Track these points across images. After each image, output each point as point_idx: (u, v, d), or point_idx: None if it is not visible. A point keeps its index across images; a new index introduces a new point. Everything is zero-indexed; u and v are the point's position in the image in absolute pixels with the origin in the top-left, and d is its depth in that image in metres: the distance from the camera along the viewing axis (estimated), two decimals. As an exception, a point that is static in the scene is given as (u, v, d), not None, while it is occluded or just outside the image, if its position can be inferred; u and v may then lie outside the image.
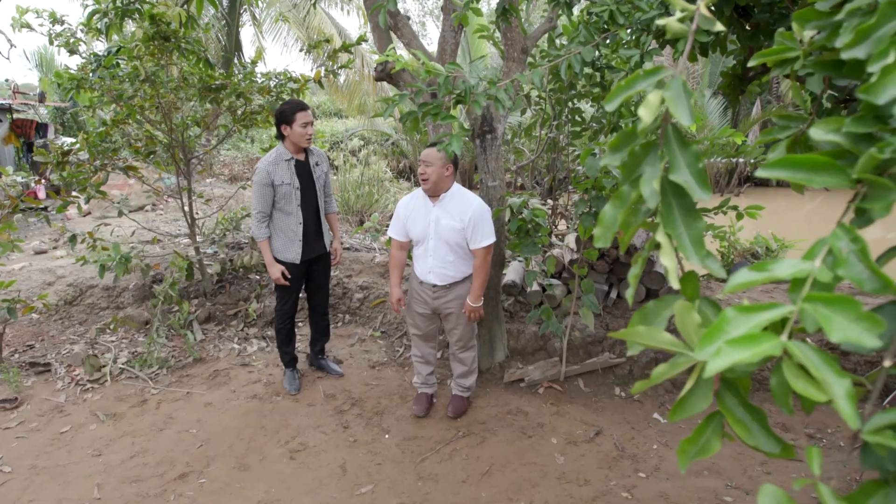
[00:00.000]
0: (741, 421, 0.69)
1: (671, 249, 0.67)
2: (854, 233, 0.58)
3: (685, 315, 0.64)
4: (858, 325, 0.52)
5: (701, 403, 0.68)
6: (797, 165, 0.63)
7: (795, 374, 0.58)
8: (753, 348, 0.54)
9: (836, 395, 0.52)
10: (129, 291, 5.17)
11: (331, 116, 20.55)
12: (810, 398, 0.56)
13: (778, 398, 0.64)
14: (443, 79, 1.67)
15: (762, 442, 0.67)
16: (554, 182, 6.14)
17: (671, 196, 0.71)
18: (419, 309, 3.59)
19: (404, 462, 3.36)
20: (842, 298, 0.54)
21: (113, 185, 8.79)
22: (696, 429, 0.73)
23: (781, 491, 0.60)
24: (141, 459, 3.38)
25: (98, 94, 4.41)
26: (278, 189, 3.68)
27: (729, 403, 0.70)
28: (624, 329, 0.67)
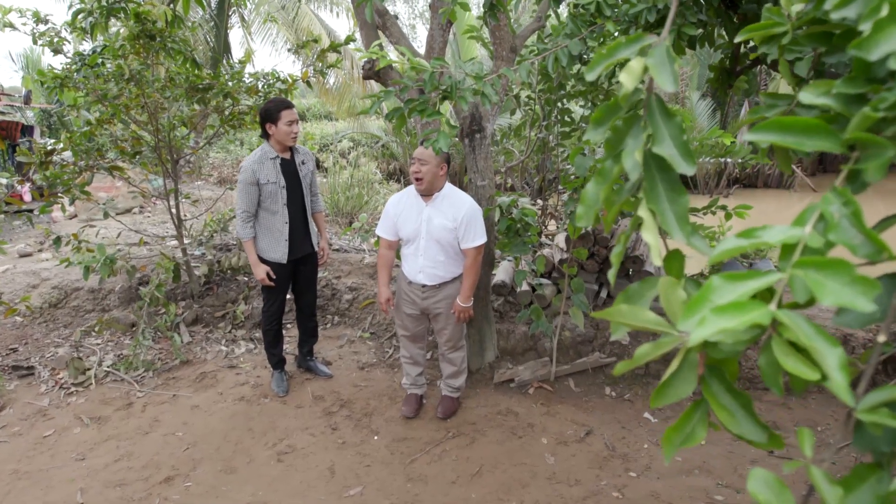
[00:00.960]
0: (726, 408, 0.66)
1: (654, 225, 0.64)
2: (847, 195, 0.55)
3: (670, 292, 0.61)
4: (852, 289, 0.49)
5: (685, 388, 0.66)
6: (787, 128, 0.61)
7: (786, 351, 0.56)
8: (741, 316, 0.51)
9: (828, 365, 0.50)
10: (116, 294, 5.11)
11: (321, 119, 20.49)
12: (801, 376, 0.53)
13: (767, 378, 0.61)
14: (428, 74, 1.65)
15: (748, 430, 0.64)
16: (543, 182, 6.13)
17: (655, 170, 0.69)
18: (408, 309, 3.56)
19: (393, 463, 3.32)
20: (834, 262, 0.51)
21: (100, 187, 8.71)
22: (680, 417, 0.70)
23: (772, 475, 0.58)
24: (126, 463, 3.32)
25: (83, 94, 4.36)
26: (264, 188, 3.64)
27: (714, 389, 0.67)
28: (607, 308, 0.64)
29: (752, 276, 0.55)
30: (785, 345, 0.56)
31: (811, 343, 0.50)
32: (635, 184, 0.68)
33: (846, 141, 0.57)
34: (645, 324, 0.63)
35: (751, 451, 3.46)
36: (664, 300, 0.63)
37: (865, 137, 0.55)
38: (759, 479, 0.57)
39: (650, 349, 0.63)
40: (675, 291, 0.62)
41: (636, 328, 0.64)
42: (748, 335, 0.56)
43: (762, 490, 0.56)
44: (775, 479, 0.56)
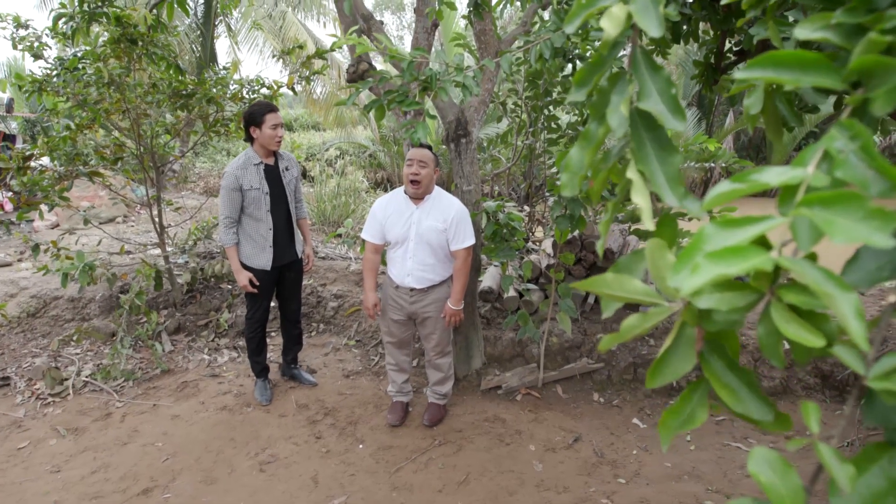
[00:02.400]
0: (728, 385, 0.62)
1: (644, 187, 0.60)
2: (855, 127, 0.50)
3: (658, 256, 0.56)
4: (867, 224, 0.44)
5: (682, 365, 0.61)
6: (782, 63, 0.56)
7: (787, 317, 0.51)
8: (738, 262, 0.46)
9: (843, 312, 0.44)
10: (96, 303, 5.01)
11: (308, 129, 20.44)
12: (805, 344, 0.49)
13: (767, 349, 0.57)
14: (407, 64, 1.61)
15: (752, 408, 0.59)
16: (530, 189, 6.11)
17: (642, 129, 0.64)
18: (394, 315, 3.50)
19: (378, 472, 3.25)
20: (844, 195, 0.46)
21: (82, 196, 8.60)
22: (679, 398, 0.65)
23: (775, 453, 0.53)
24: (102, 475, 3.23)
25: (62, 99, 4.28)
26: (247, 194, 3.58)
27: (714, 366, 0.62)
28: (590, 278, 0.60)
29: (750, 222, 0.50)
30: (785, 311, 0.52)
31: (822, 288, 0.45)
32: (623, 146, 0.64)
33: (848, 74, 0.52)
34: (633, 295, 0.58)
35: (741, 457, 3.43)
36: (652, 265, 0.58)
37: (872, 61, 0.50)
38: (760, 458, 0.52)
39: (638, 321, 0.58)
40: (665, 255, 0.57)
41: (623, 300, 0.59)
42: (744, 301, 0.52)
43: (764, 471, 0.51)
44: (778, 459, 0.52)
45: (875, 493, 0.50)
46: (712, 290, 0.52)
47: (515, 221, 3.75)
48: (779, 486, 0.50)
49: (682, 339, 0.60)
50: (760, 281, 0.52)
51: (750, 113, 0.73)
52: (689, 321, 0.56)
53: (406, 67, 1.62)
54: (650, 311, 0.57)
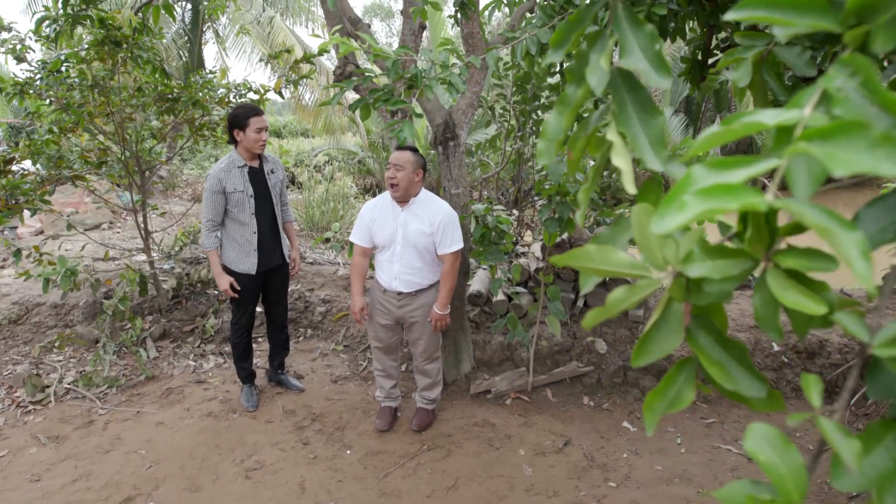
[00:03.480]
0: (718, 362, 0.58)
1: (624, 149, 0.57)
2: (855, 62, 0.46)
3: (645, 222, 0.53)
4: (872, 154, 0.41)
5: (669, 342, 0.57)
6: (777, 4, 0.53)
7: (784, 285, 0.48)
8: (729, 199, 0.43)
9: (847, 251, 0.41)
10: (79, 309, 4.92)
11: (297, 136, 20.38)
12: (805, 311, 0.46)
13: (763, 322, 0.54)
14: (391, 62, 1.58)
15: (744, 385, 0.56)
16: (519, 193, 6.10)
17: (624, 91, 0.61)
18: (381, 320, 3.46)
19: (366, 478, 3.21)
20: (846, 125, 0.42)
21: (67, 202, 8.50)
22: (664, 379, 0.61)
23: (774, 429, 0.50)
24: (84, 483, 3.16)
25: (45, 102, 4.22)
26: (230, 197, 3.53)
27: (702, 342, 0.59)
28: (571, 251, 0.56)
29: (742, 163, 0.47)
30: (783, 278, 0.49)
31: (823, 224, 0.42)
32: (602, 111, 0.61)
33: (846, 15, 0.49)
34: (617, 268, 0.55)
35: (731, 459, 3.42)
36: (637, 232, 0.54)
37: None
38: (758, 435, 0.49)
39: (625, 294, 0.55)
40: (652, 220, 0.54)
41: (607, 274, 0.56)
42: (738, 269, 0.49)
43: (763, 448, 0.48)
44: (778, 435, 0.49)
45: (881, 474, 0.47)
46: (703, 258, 0.49)
47: (504, 224, 3.73)
48: (779, 465, 0.47)
49: (669, 314, 0.57)
50: (755, 245, 0.49)
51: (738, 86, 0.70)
52: (677, 296, 0.54)
53: (391, 66, 1.59)
54: (637, 283, 0.54)
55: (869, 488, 0.48)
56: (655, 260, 0.52)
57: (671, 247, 0.51)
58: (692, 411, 3.91)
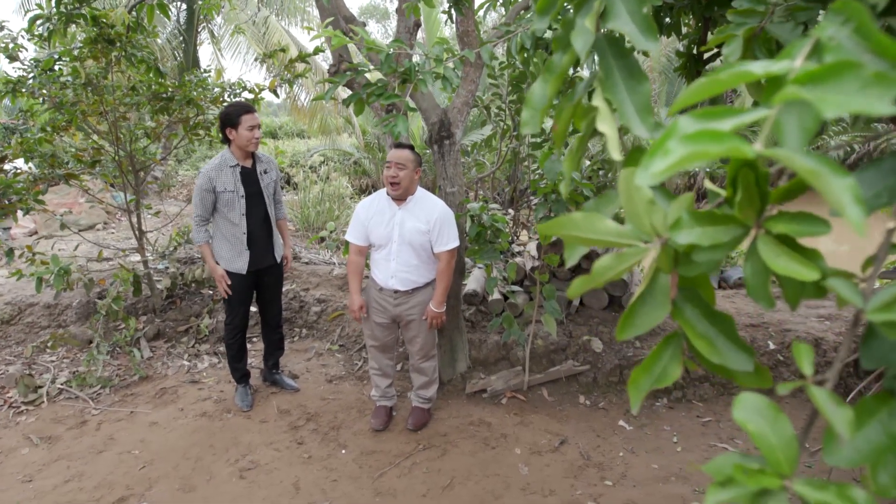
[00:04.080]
0: (704, 336, 0.56)
1: (610, 115, 0.56)
2: (848, 7, 0.44)
3: (632, 185, 0.51)
4: (865, 94, 0.39)
5: (655, 314, 0.56)
6: None
7: (775, 251, 0.47)
8: (715, 144, 0.42)
9: (839, 197, 0.39)
10: (73, 309, 4.90)
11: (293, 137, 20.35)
12: (797, 277, 0.45)
13: (754, 290, 0.52)
14: (384, 56, 1.57)
15: (731, 358, 0.54)
16: (515, 193, 6.09)
17: (610, 57, 0.60)
18: (378, 318, 3.44)
19: (361, 477, 3.19)
20: (838, 66, 0.40)
21: (62, 203, 8.46)
22: (650, 354, 0.60)
23: (764, 398, 0.48)
24: (76, 484, 3.14)
25: (38, 100, 4.20)
26: (221, 196, 3.50)
27: (689, 316, 0.57)
28: (556, 219, 0.55)
29: (730, 113, 0.45)
30: (774, 244, 0.47)
31: (813, 168, 0.40)
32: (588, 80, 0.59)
33: None
34: (603, 236, 0.53)
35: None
36: (625, 198, 0.52)
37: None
38: (748, 405, 0.47)
39: (611, 262, 0.54)
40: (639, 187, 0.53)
41: (593, 243, 0.54)
42: (728, 235, 0.48)
43: (753, 418, 0.47)
44: (768, 405, 0.47)
45: (874, 449, 0.46)
46: (692, 225, 0.48)
47: (500, 223, 3.72)
48: (769, 435, 0.46)
49: (655, 287, 0.55)
50: (746, 211, 0.48)
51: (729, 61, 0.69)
52: (664, 267, 0.52)
53: (384, 59, 1.58)
54: (624, 251, 0.52)
55: (862, 463, 0.46)
56: (643, 227, 0.51)
57: (659, 214, 0.50)
58: (688, 410, 3.90)
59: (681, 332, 0.58)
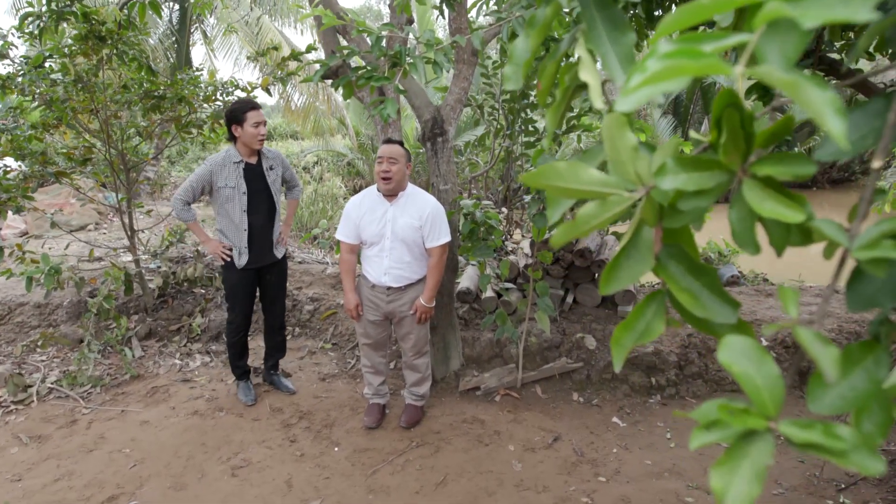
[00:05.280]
0: (687, 290, 0.55)
1: (592, 65, 0.55)
2: None
3: (618, 133, 0.50)
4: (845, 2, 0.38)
5: (639, 268, 0.55)
6: None
7: (761, 195, 0.46)
8: (694, 60, 0.41)
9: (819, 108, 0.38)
10: (63, 309, 4.86)
11: (286, 138, 20.32)
12: (782, 219, 0.44)
13: (739, 237, 0.51)
14: (374, 38, 1.56)
15: (714, 311, 0.53)
16: (508, 192, 6.10)
17: (594, 8, 0.59)
18: (370, 316, 3.43)
19: (354, 475, 3.18)
20: None
21: (53, 203, 8.40)
22: (632, 311, 0.59)
23: (749, 340, 0.48)
24: (66, 483, 3.11)
25: (28, 98, 4.17)
26: (221, 191, 3.50)
27: (672, 271, 0.56)
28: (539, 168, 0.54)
29: (711, 37, 0.44)
30: (760, 188, 0.46)
31: (792, 80, 0.40)
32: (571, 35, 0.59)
33: None
34: (588, 186, 0.52)
35: (720, 453, 3.40)
36: (609, 145, 0.51)
37: None
38: (733, 347, 0.46)
39: (596, 209, 0.53)
40: (624, 133, 0.52)
41: (577, 194, 0.53)
42: (713, 181, 0.47)
43: (738, 360, 0.46)
44: (754, 346, 0.47)
45: (859, 397, 0.45)
46: (678, 170, 0.47)
47: (493, 220, 3.72)
48: (754, 376, 0.45)
49: (638, 240, 0.54)
50: (731, 154, 0.47)
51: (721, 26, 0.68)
52: (649, 219, 0.51)
53: (374, 42, 1.57)
54: (609, 199, 0.51)
55: (847, 411, 0.46)
56: (627, 175, 0.50)
57: (644, 161, 0.49)
58: (682, 407, 3.91)
59: (664, 289, 0.57)
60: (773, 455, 0.43)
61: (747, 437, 0.44)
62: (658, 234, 0.53)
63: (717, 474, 0.43)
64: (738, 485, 0.41)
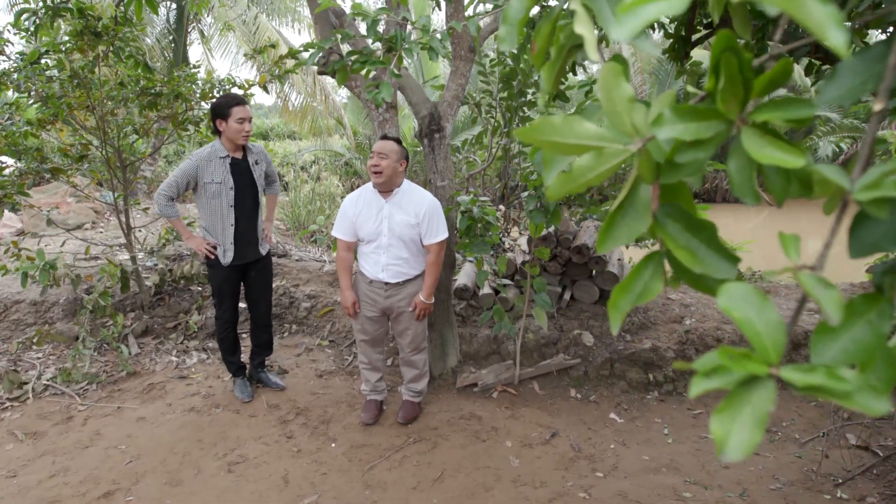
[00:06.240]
0: (686, 247, 0.54)
1: (586, 17, 0.54)
2: None
3: (612, 82, 0.49)
4: None
5: (636, 226, 0.54)
6: None
7: (760, 142, 0.45)
8: None
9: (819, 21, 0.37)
10: (59, 306, 4.84)
11: (284, 138, 20.30)
12: (782, 165, 0.43)
13: (739, 187, 0.50)
14: (370, 21, 1.56)
15: (714, 266, 0.52)
16: (505, 190, 6.09)
17: None
18: (367, 312, 3.42)
19: (351, 471, 3.17)
20: None
21: (50, 202, 8.38)
22: (630, 272, 0.58)
23: (749, 286, 0.47)
24: (61, 479, 3.09)
25: (24, 94, 4.16)
26: (207, 187, 3.46)
27: (671, 230, 0.55)
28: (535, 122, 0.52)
29: None
30: (758, 135, 0.46)
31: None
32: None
33: None
34: (584, 140, 0.51)
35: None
36: (605, 96, 0.50)
37: None
38: (733, 293, 0.46)
39: (591, 161, 0.52)
40: (619, 83, 0.51)
41: (572, 150, 0.52)
42: (711, 131, 0.46)
43: (738, 305, 0.45)
44: (754, 291, 0.46)
45: (863, 349, 0.45)
46: (675, 120, 0.47)
47: (490, 216, 3.71)
48: (755, 321, 0.44)
49: (635, 197, 0.53)
50: (729, 101, 0.46)
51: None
52: (645, 174, 0.50)
53: (370, 25, 1.57)
54: (606, 150, 0.50)
55: (850, 363, 0.45)
56: (624, 127, 0.49)
57: (640, 111, 0.49)
58: (679, 403, 3.90)
59: (662, 250, 0.56)
60: (775, 401, 0.43)
61: (748, 383, 0.43)
62: (655, 192, 0.52)
63: (718, 421, 0.42)
64: (740, 432, 0.41)
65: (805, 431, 3.55)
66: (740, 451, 0.40)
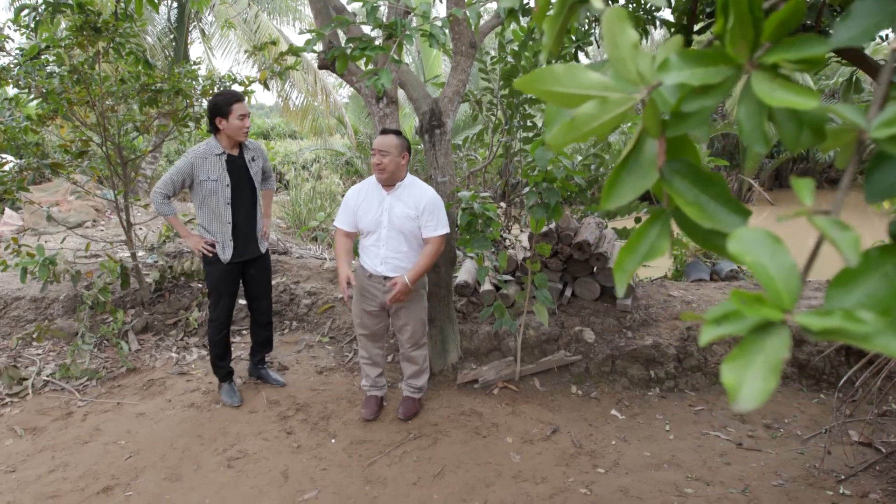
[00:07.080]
0: (695, 203, 0.52)
1: None
2: None
3: (617, 29, 0.47)
4: None
5: (642, 182, 0.52)
6: None
7: (771, 85, 0.43)
8: None
9: None
10: (59, 303, 4.83)
11: (285, 138, 20.29)
12: (794, 107, 0.42)
13: (750, 134, 0.48)
14: (370, 7, 1.55)
15: (724, 221, 0.49)
16: (506, 187, 6.08)
17: None
18: (367, 306, 3.41)
19: (351, 466, 3.15)
20: None
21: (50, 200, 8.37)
22: (635, 232, 0.56)
23: (760, 229, 0.45)
24: (61, 474, 3.08)
25: (24, 90, 4.15)
26: (203, 185, 3.42)
27: (678, 186, 0.53)
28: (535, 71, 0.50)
29: None
30: (768, 78, 0.44)
31: None
32: None
33: None
34: (587, 90, 0.49)
35: (719, 445, 3.39)
36: (609, 42, 0.49)
37: None
38: (745, 237, 0.44)
39: (595, 109, 0.50)
40: (624, 28, 0.49)
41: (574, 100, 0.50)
42: (719, 76, 0.45)
43: (750, 249, 0.43)
44: (767, 235, 0.44)
45: (878, 304, 0.43)
46: (681, 66, 0.45)
47: (491, 211, 3.70)
48: (768, 266, 0.43)
49: (641, 152, 0.52)
50: (738, 43, 0.45)
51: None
52: (651, 128, 0.49)
53: (369, 11, 1.55)
54: (610, 99, 0.49)
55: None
56: (628, 74, 0.47)
57: (646, 57, 0.47)
58: (680, 399, 3.89)
59: (668, 208, 0.54)
60: (790, 348, 0.41)
61: (761, 329, 0.41)
62: (661, 147, 0.51)
63: (730, 369, 0.41)
64: (753, 380, 0.39)
65: (807, 428, 3.53)
66: (753, 400, 0.39)
